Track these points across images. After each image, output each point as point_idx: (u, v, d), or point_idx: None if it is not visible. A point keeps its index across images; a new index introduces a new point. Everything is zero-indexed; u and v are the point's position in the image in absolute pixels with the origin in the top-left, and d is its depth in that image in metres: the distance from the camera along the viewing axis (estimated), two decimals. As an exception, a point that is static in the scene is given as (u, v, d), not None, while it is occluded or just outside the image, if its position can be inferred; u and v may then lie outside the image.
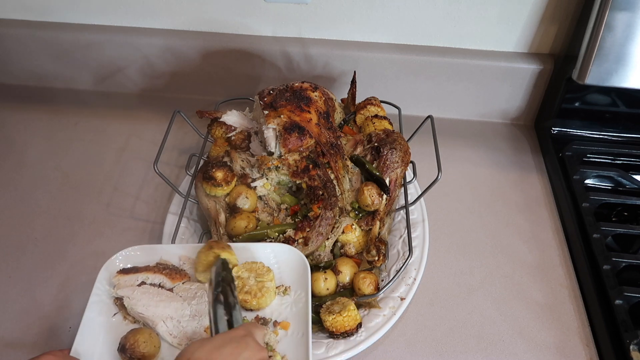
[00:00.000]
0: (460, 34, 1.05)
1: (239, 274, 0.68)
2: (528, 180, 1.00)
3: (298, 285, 0.70)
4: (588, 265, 0.83)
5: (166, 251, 0.73)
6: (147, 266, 0.71)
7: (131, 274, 0.70)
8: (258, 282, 0.68)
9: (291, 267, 0.71)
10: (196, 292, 0.70)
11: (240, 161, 0.86)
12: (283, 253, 0.72)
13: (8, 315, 0.80)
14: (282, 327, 0.66)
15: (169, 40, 1.09)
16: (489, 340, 0.77)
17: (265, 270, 0.69)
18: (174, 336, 0.66)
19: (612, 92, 0.99)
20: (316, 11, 1.04)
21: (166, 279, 0.70)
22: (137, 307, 0.67)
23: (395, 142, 0.86)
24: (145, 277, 0.70)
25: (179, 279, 0.70)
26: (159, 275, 0.70)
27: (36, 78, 1.20)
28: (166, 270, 0.70)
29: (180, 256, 0.73)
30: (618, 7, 0.83)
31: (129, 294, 0.67)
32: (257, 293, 0.67)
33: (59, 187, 1.00)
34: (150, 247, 0.73)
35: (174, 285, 0.70)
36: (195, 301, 0.69)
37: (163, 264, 0.72)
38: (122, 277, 0.69)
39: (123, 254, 0.72)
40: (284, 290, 0.70)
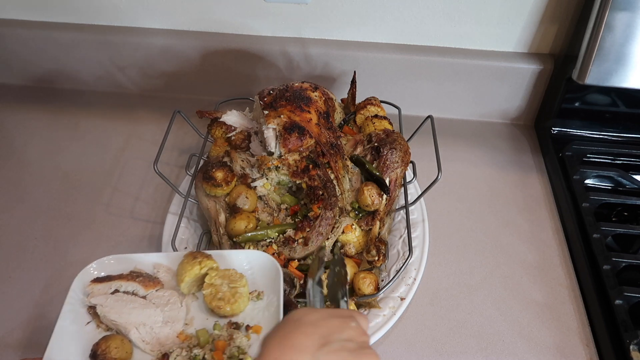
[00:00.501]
0: (460, 34, 1.05)
1: (213, 281, 0.69)
2: (528, 180, 1.00)
3: (270, 290, 0.71)
4: (588, 265, 0.83)
5: (140, 260, 0.74)
6: (121, 274, 0.71)
7: (105, 282, 0.70)
8: (231, 288, 0.68)
9: (264, 273, 0.72)
10: (169, 299, 0.70)
11: (240, 161, 0.86)
12: (256, 259, 0.73)
13: (8, 315, 0.80)
14: (254, 331, 0.67)
15: (169, 40, 1.09)
16: (489, 340, 0.77)
17: (238, 277, 0.70)
18: (146, 342, 0.67)
19: (612, 92, 0.99)
20: (316, 11, 1.04)
21: (139, 286, 0.70)
22: (109, 314, 0.67)
23: (395, 142, 0.86)
24: (119, 285, 0.70)
25: (152, 287, 0.71)
26: (132, 283, 0.70)
27: (36, 78, 1.20)
28: (140, 278, 0.71)
29: (155, 264, 0.74)
30: (618, 7, 0.83)
31: (102, 302, 0.68)
32: (231, 299, 0.67)
33: (59, 187, 1.00)
34: (125, 257, 0.73)
35: (147, 292, 0.70)
36: (168, 307, 0.69)
37: (137, 272, 0.72)
38: (95, 286, 0.70)
39: (97, 263, 0.72)
40: (257, 295, 0.70)
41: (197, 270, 0.68)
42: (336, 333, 0.50)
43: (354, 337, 0.51)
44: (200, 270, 0.68)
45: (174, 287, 0.71)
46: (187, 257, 0.70)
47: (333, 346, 0.48)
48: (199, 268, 0.68)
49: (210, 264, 0.69)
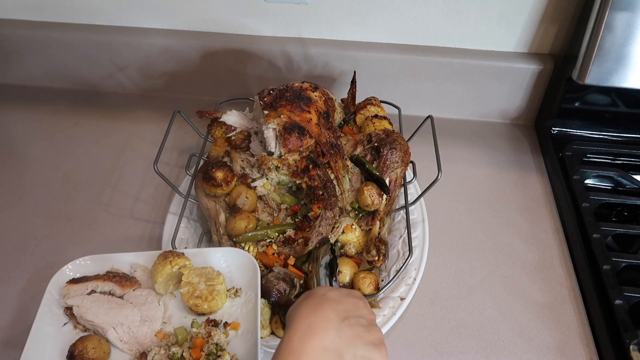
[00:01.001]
0: (460, 34, 1.05)
1: (190, 280, 0.69)
2: (528, 180, 1.00)
3: (248, 287, 0.71)
4: (588, 265, 0.83)
5: (117, 260, 0.74)
6: (97, 275, 0.71)
7: (81, 283, 0.70)
8: (208, 286, 0.69)
9: (241, 270, 0.72)
10: (146, 298, 0.70)
11: (240, 161, 0.86)
12: (233, 256, 0.73)
13: (8, 315, 0.80)
14: (233, 327, 0.68)
15: (169, 40, 1.09)
16: (489, 340, 0.77)
17: (215, 274, 0.70)
18: (124, 342, 0.67)
19: (612, 92, 0.99)
20: (316, 11, 1.04)
21: (116, 286, 0.70)
22: (86, 315, 0.67)
23: (395, 142, 0.86)
24: (95, 285, 0.70)
25: (129, 286, 0.71)
26: (108, 283, 0.70)
27: (36, 78, 1.20)
28: (116, 278, 0.71)
29: (132, 264, 0.74)
30: (618, 7, 0.83)
31: (78, 303, 0.68)
32: (208, 297, 0.68)
33: (59, 187, 1.00)
34: (101, 257, 0.73)
35: (124, 292, 0.71)
36: (146, 307, 0.69)
37: (113, 272, 0.72)
38: (71, 287, 0.70)
39: (73, 264, 0.72)
40: (234, 292, 0.71)
41: (169, 270, 0.68)
42: (353, 310, 0.58)
43: (365, 315, 0.59)
44: (172, 269, 0.68)
45: (152, 287, 0.71)
46: (159, 258, 0.70)
47: (351, 321, 0.57)
48: (170, 267, 0.68)
49: (182, 262, 0.69)
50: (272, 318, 0.74)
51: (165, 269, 0.68)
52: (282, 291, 0.73)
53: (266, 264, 0.78)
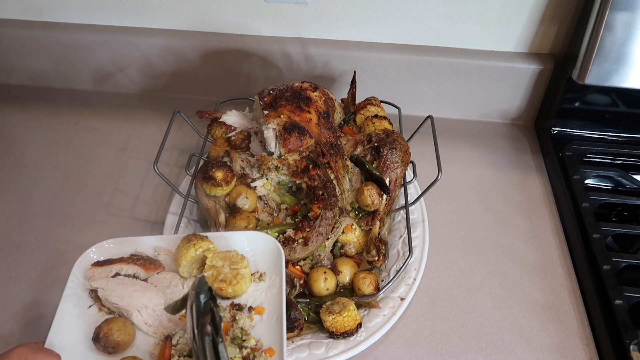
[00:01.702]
0: (460, 34, 1.05)
1: (214, 263, 0.69)
2: (528, 180, 1.00)
3: (273, 271, 0.71)
4: (588, 265, 0.83)
5: (140, 243, 0.74)
6: (121, 257, 0.71)
7: (105, 265, 0.70)
8: (232, 269, 0.68)
9: (265, 254, 0.72)
10: (171, 281, 0.70)
11: (240, 161, 0.86)
12: (257, 240, 0.73)
13: (8, 315, 0.80)
14: (257, 312, 0.67)
15: (169, 40, 1.09)
16: (489, 340, 0.77)
17: (239, 258, 0.70)
18: (149, 325, 0.67)
19: (612, 92, 0.99)
20: (316, 11, 1.04)
21: (140, 269, 0.70)
22: (111, 297, 0.67)
23: (395, 142, 0.86)
24: (120, 268, 0.70)
25: (153, 269, 0.71)
26: (133, 266, 0.70)
27: (36, 78, 1.20)
28: (140, 261, 0.71)
29: (155, 247, 0.74)
30: (618, 7, 0.83)
31: (103, 285, 0.68)
32: (232, 280, 0.67)
33: (59, 187, 1.00)
34: (125, 240, 0.74)
35: (148, 275, 0.70)
36: (170, 290, 0.69)
37: (137, 255, 0.72)
38: (96, 269, 0.70)
39: (97, 247, 0.72)
40: (259, 276, 0.71)
41: (193, 253, 0.68)
42: None
43: None
44: (196, 251, 0.68)
45: (175, 270, 0.71)
46: (183, 241, 0.70)
47: None
48: (194, 250, 0.68)
49: (206, 245, 0.69)
50: (272, 318, 0.74)
51: (189, 252, 0.68)
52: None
53: (266, 264, 0.78)
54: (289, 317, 0.71)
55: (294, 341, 0.74)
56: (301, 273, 0.79)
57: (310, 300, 0.77)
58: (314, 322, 0.76)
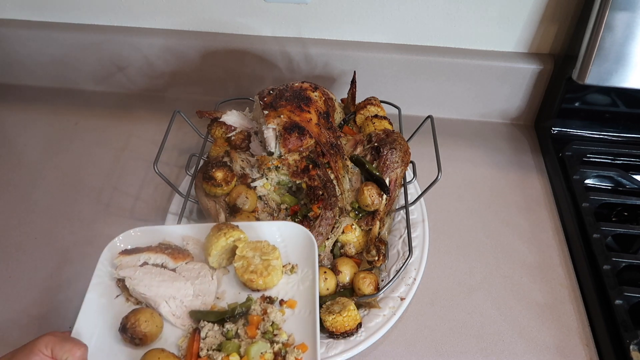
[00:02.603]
0: (460, 34, 1.05)
1: (244, 254, 0.67)
2: (528, 180, 1.00)
3: (305, 263, 0.69)
4: (588, 265, 0.83)
5: (169, 232, 0.72)
6: (150, 246, 0.70)
7: (133, 254, 0.69)
8: (264, 260, 0.66)
9: (297, 245, 0.70)
10: (199, 272, 0.68)
11: (240, 161, 0.86)
12: (289, 230, 0.71)
13: (8, 315, 0.80)
14: (289, 305, 0.65)
15: (169, 40, 1.09)
16: (489, 340, 0.77)
17: (270, 249, 0.68)
18: (177, 316, 0.65)
19: (612, 92, 0.99)
20: (316, 11, 1.04)
21: (169, 258, 0.68)
22: (139, 287, 0.65)
23: (395, 142, 0.86)
24: (148, 257, 0.69)
25: (181, 259, 0.69)
26: (161, 255, 0.69)
27: (36, 78, 1.20)
28: (168, 250, 0.69)
29: (183, 236, 0.72)
30: (618, 7, 0.83)
31: (130, 275, 0.66)
32: (264, 272, 0.65)
33: (59, 187, 1.00)
34: (153, 228, 0.72)
35: (176, 265, 0.69)
36: (199, 281, 0.68)
37: (165, 244, 0.71)
38: (124, 258, 0.68)
39: (124, 235, 0.71)
40: (290, 268, 0.69)
41: (223, 242, 0.66)
42: None
43: None
44: (227, 241, 0.67)
45: (204, 260, 0.69)
46: (213, 230, 0.68)
47: None
48: (225, 239, 0.66)
49: (237, 235, 0.67)
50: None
51: (220, 241, 0.66)
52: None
53: (266, 264, 0.78)
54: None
55: (294, 341, 0.74)
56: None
57: (310, 300, 0.77)
58: (314, 322, 0.76)
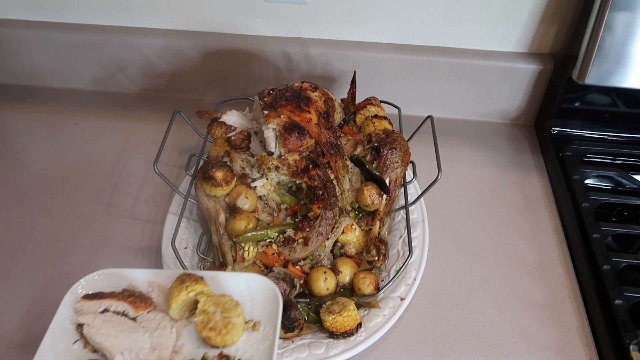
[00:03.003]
0: (460, 34, 1.05)
1: (205, 308, 0.65)
2: (528, 180, 1.00)
3: (268, 321, 0.66)
4: (588, 265, 0.83)
5: (135, 276, 0.70)
6: (113, 292, 0.68)
7: (96, 299, 0.67)
8: (224, 317, 0.64)
9: (264, 301, 0.68)
10: (159, 323, 0.67)
11: (240, 161, 0.86)
12: (257, 284, 0.68)
13: (8, 316, 0.80)
14: None
15: (169, 40, 1.09)
16: (489, 340, 0.77)
17: (233, 305, 0.65)
18: None
19: (612, 92, 0.99)
20: (316, 11, 1.04)
21: (130, 307, 0.67)
22: (96, 336, 0.64)
23: (395, 142, 0.86)
24: (109, 304, 0.67)
25: (143, 308, 0.67)
26: (123, 303, 0.67)
27: (36, 78, 1.20)
28: (131, 298, 0.67)
29: (150, 282, 0.70)
30: (618, 7, 0.83)
31: (89, 322, 0.65)
32: (222, 330, 0.64)
33: (59, 187, 1.00)
34: (119, 271, 0.70)
35: (137, 314, 0.67)
36: (158, 333, 0.66)
37: (129, 291, 0.69)
38: (85, 303, 0.66)
39: (87, 280, 0.69)
40: (253, 325, 0.67)
41: (184, 296, 0.65)
42: None
43: None
44: (187, 295, 0.65)
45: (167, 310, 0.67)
46: (176, 281, 0.66)
47: None
48: (186, 293, 0.65)
49: (199, 288, 0.65)
50: (272, 318, 0.74)
51: (181, 294, 0.65)
52: (282, 291, 0.73)
53: (266, 264, 0.78)
54: (289, 317, 0.71)
55: (294, 341, 0.74)
56: (301, 273, 0.79)
57: (310, 300, 0.77)
58: (314, 322, 0.76)
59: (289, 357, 0.71)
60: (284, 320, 0.72)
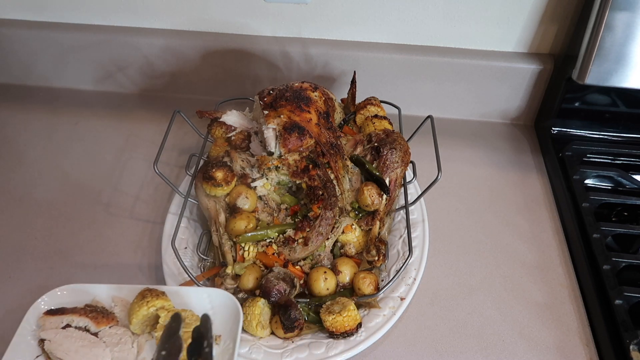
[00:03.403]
0: (460, 34, 1.05)
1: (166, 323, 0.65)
2: (528, 180, 1.00)
3: (228, 335, 0.67)
4: (588, 265, 0.83)
5: (99, 291, 0.71)
6: (75, 308, 0.69)
7: (57, 315, 0.68)
8: (185, 332, 0.65)
9: (225, 315, 0.69)
10: (121, 338, 0.68)
11: (240, 161, 0.86)
12: (219, 298, 0.70)
13: (8, 316, 0.80)
14: None
15: (169, 40, 1.09)
16: (489, 340, 0.77)
17: (194, 319, 0.67)
18: None
19: (612, 92, 0.99)
20: (316, 11, 1.04)
21: (91, 322, 0.68)
22: (57, 352, 0.65)
23: (395, 142, 0.86)
24: (71, 319, 0.67)
25: (105, 323, 0.68)
26: (84, 319, 0.68)
27: (36, 78, 1.20)
28: (93, 313, 0.68)
29: (113, 297, 0.71)
30: (618, 7, 0.83)
31: (51, 337, 0.66)
32: None
33: (59, 187, 1.00)
34: (82, 287, 0.71)
35: (99, 329, 0.68)
36: (119, 347, 0.67)
37: (92, 306, 0.70)
38: (48, 319, 0.67)
39: (49, 296, 0.69)
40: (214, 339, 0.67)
41: (145, 311, 0.66)
42: None
43: None
44: (148, 310, 0.66)
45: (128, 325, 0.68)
46: (137, 297, 0.67)
47: None
48: (146, 309, 0.66)
49: (160, 304, 0.66)
50: (272, 318, 0.74)
51: (142, 310, 0.66)
52: (282, 291, 0.74)
53: (266, 264, 0.78)
54: (289, 317, 0.72)
55: (294, 341, 0.74)
56: (301, 273, 0.79)
57: (310, 300, 0.77)
58: (314, 322, 0.76)
59: (289, 357, 0.71)
60: (284, 320, 0.72)
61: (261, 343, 0.73)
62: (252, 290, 0.77)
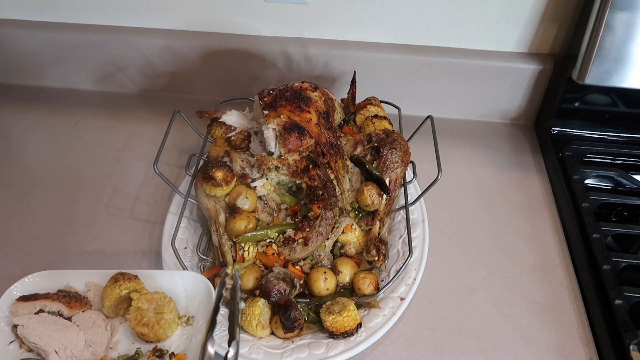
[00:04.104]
0: (460, 34, 1.05)
1: (139, 305, 0.67)
2: (528, 180, 1.00)
3: (201, 316, 0.68)
4: (588, 265, 0.83)
5: (73, 277, 0.71)
6: (47, 293, 0.69)
7: (30, 301, 0.68)
8: (157, 313, 0.66)
9: (197, 296, 0.70)
10: (94, 321, 0.68)
11: (240, 161, 0.86)
12: (191, 281, 0.71)
13: (8, 315, 0.80)
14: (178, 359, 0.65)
15: (169, 40, 1.09)
16: (489, 340, 0.77)
17: (166, 301, 0.67)
18: None
19: (612, 92, 0.99)
20: (316, 11, 1.04)
21: (64, 307, 0.68)
22: (30, 336, 0.65)
23: (395, 142, 0.86)
24: (44, 304, 0.68)
25: (78, 308, 0.68)
26: (57, 303, 0.68)
27: (36, 78, 1.20)
28: (65, 298, 0.69)
29: (87, 282, 0.71)
30: (618, 7, 0.83)
31: (24, 322, 0.66)
32: (155, 325, 0.65)
33: (59, 187, 1.00)
34: (56, 273, 0.71)
35: (72, 313, 0.68)
36: (92, 330, 0.67)
37: (65, 292, 0.70)
38: (20, 304, 0.68)
39: (22, 282, 0.70)
40: (186, 320, 0.68)
41: (117, 294, 0.66)
42: None
43: None
44: (121, 292, 0.66)
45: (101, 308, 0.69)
46: (110, 280, 0.68)
47: None
48: (119, 291, 0.66)
49: (133, 286, 0.67)
50: (272, 318, 0.74)
51: (114, 292, 0.66)
52: (282, 291, 0.74)
53: (266, 264, 0.78)
54: (289, 317, 0.72)
55: (294, 341, 0.74)
56: (301, 273, 0.79)
57: (310, 300, 0.77)
58: (314, 322, 0.76)
59: (289, 357, 0.71)
60: (284, 320, 0.72)
61: (261, 343, 0.73)
62: (252, 290, 0.77)
